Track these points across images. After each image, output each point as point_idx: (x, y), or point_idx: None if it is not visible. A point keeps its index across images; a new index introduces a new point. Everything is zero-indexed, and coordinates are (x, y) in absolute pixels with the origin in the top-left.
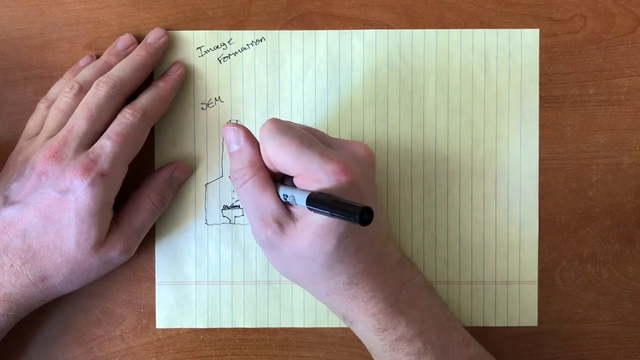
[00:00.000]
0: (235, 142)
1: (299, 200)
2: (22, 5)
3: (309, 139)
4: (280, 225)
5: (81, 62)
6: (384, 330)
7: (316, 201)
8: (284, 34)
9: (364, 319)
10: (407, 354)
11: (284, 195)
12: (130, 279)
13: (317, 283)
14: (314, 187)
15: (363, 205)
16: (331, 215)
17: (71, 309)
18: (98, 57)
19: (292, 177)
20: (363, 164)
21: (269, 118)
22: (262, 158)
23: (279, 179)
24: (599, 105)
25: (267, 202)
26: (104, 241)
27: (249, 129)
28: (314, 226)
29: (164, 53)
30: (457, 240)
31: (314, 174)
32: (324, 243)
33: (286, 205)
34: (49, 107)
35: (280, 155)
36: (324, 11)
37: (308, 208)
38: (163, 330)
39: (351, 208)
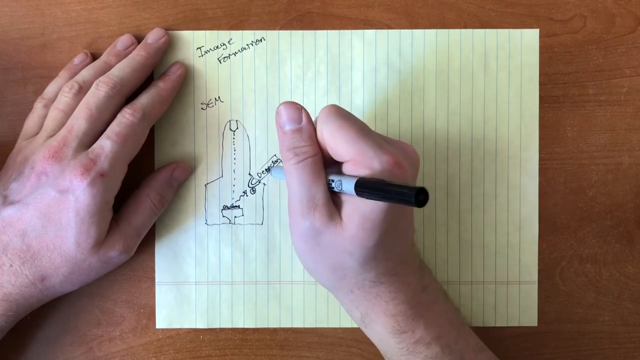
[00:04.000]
0: (296, 120)
1: (347, 186)
2: (22, 5)
3: (367, 128)
4: (329, 212)
5: (76, 60)
6: (402, 332)
7: (366, 185)
8: (284, 34)
9: (383, 319)
10: (424, 358)
11: (330, 180)
12: (130, 279)
13: (344, 278)
14: (365, 174)
15: (419, 186)
16: (383, 199)
17: (71, 309)
18: (95, 56)
19: (337, 166)
20: (411, 164)
21: (268, 118)
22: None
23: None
24: (599, 105)
25: (320, 186)
26: (103, 241)
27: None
28: (359, 219)
29: (164, 53)
30: (457, 241)
31: (368, 161)
32: (367, 237)
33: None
34: (45, 106)
35: (336, 137)
36: (324, 11)
37: (356, 192)
38: (163, 330)
39: (406, 190)
